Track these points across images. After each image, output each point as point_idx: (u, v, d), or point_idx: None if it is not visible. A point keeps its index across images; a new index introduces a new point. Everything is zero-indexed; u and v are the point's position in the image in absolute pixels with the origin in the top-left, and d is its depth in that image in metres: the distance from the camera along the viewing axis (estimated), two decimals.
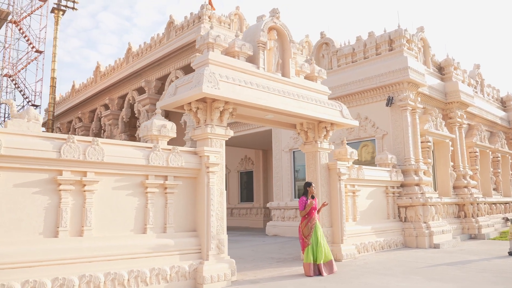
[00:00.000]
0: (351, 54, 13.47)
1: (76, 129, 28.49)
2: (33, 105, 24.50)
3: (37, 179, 5.56)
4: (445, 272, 7.58)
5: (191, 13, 20.28)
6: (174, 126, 7.06)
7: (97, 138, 6.00)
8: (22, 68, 24.33)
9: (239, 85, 7.58)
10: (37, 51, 24.74)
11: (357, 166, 10.29)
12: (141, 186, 6.49)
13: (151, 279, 6.15)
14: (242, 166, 22.65)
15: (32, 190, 5.52)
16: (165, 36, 21.09)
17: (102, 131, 26.10)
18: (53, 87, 24.07)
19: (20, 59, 24.66)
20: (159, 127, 6.82)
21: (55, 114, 30.37)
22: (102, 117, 25.78)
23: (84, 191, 5.90)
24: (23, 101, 24.32)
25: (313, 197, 8.00)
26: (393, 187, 11.44)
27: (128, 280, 5.93)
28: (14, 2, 23.93)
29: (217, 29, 19.76)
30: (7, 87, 23.98)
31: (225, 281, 6.79)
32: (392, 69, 12.11)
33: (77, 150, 5.75)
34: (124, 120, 24.40)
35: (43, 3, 25.21)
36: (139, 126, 23.35)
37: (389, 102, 12.11)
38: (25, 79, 24.47)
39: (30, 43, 24.52)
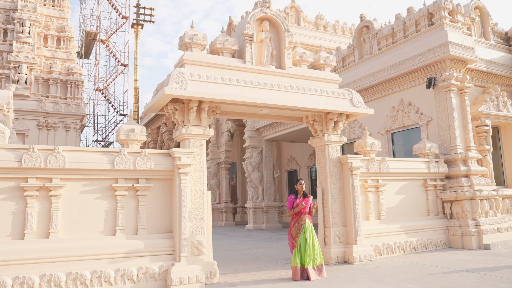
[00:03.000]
0: (391, 34, 12.23)
1: (162, 134, 30.60)
2: (121, 114, 26.93)
3: (4, 187, 6.09)
4: (453, 281, 6.48)
5: (247, 12, 20.39)
6: (144, 129, 7.17)
7: (58, 146, 6.38)
8: (111, 82, 26.89)
9: (214, 82, 7.41)
10: (122, 64, 27.15)
11: (379, 158, 9.32)
12: (110, 189, 6.71)
13: (116, 279, 6.33)
14: (311, 161, 22.03)
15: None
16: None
17: None
18: (136, 96, 26.20)
19: (109, 73, 27.29)
20: (126, 131, 6.99)
21: (146, 120, 33.10)
22: None
23: (50, 196, 6.30)
24: (113, 112, 26.88)
25: (305, 195, 7.46)
26: (434, 180, 10.10)
27: (91, 280, 6.18)
28: (100, 23, 26.58)
29: None
30: (98, 100, 26.75)
31: (197, 283, 6.67)
32: (431, 47, 10.70)
33: (38, 159, 6.16)
34: None
35: (125, 20, 27.56)
36: (210, 127, 24.19)
37: (430, 84, 10.72)
38: (114, 91, 27.00)
39: (116, 58, 26.99)
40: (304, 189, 7.45)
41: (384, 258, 8.72)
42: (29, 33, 20.32)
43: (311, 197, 7.53)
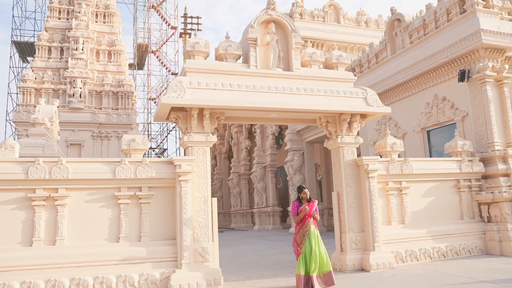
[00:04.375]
0: (422, 26, 11.47)
1: None
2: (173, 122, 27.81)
3: (14, 197, 6.54)
4: None
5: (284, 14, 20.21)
6: (145, 139, 7.34)
7: (62, 158, 6.73)
8: (162, 91, 27.93)
9: (214, 89, 7.41)
10: (173, 73, 28.11)
11: (401, 159, 8.77)
12: (114, 198, 6.94)
13: (118, 285, 6.53)
14: None
15: (10, 206, 6.52)
16: None
17: (231, 138, 28.02)
18: None
19: (162, 83, 28.38)
20: (128, 141, 7.20)
21: None
22: (231, 126, 27.69)
23: (56, 205, 6.66)
24: None
25: (310, 200, 7.19)
26: (468, 180, 9.30)
27: (93, 285, 6.43)
28: (151, 35, 27.77)
29: (309, 24, 19.28)
30: (151, 109, 27.91)
31: None
32: (462, 36, 9.88)
33: (43, 170, 6.54)
34: (246, 127, 25.72)
35: (174, 30, 28.53)
36: (255, 132, 24.30)
37: (463, 76, 9.90)
38: None
39: (167, 68, 28.01)
40: (308, 198, 7.18)
41: (406, 265, 8.17)
42: (82, 49, 21.73)
43: (316, 201, 7.25)
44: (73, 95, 21.06)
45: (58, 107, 20.61)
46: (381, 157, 8.95)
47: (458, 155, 9.45)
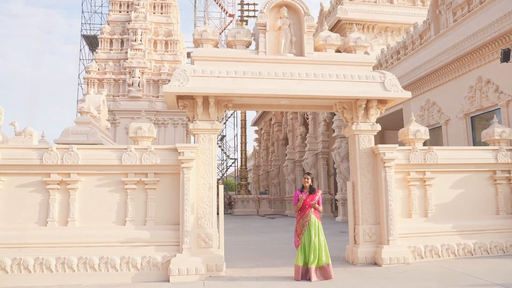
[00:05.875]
0: (466, 2, 10.44)
1: (272, 125, 31.33)
2: None
3: (32, 181, 7.10)
4: None
5: None
6: (152, 126, 7.55)
7: (73, 145, 7.17)
8: None
9: (218, 76, 7.42)
10: None
11: (425, 147, 8.14)
12: (121, 183, 7.28)
13: (121, 266, 6.86)
14: None
15: (29, 189, 7.10)
16: (318, 25, 20.96)
17: (286, 125, 27.88)
18: None
19: None
20: (135, 129, 7.46)
21: (259, 114, 34.18)
22: (287, 112, 27.55)
23: (68, 189, 7.14)
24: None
25: (313, 190, 6.97)
26: (507, 172, 8.37)
27: (99, 264, 6.84)
28: (209, 23, 28.20)
29: (359, 6, 18.44)
30: None
31: (196, 275, 6.82)
32: (506, 11, 8.85)
33: (55, 156, 7.03)
34: (301, 113, 25.41)
35: (232, 18, 28.80)
36: (307, 118, 23.91)
37: (507, 56, 8.87)
38: None
39: None
40: (309, 184, 6.96)
41: (424, 262, 7.63)
42: (141, 40, 22.78)
43: (320, 191, 7.02)
44: (132, 84, 22.22)
45: (118, 96, 21.95)
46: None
47: (496, 143, 8.57)
